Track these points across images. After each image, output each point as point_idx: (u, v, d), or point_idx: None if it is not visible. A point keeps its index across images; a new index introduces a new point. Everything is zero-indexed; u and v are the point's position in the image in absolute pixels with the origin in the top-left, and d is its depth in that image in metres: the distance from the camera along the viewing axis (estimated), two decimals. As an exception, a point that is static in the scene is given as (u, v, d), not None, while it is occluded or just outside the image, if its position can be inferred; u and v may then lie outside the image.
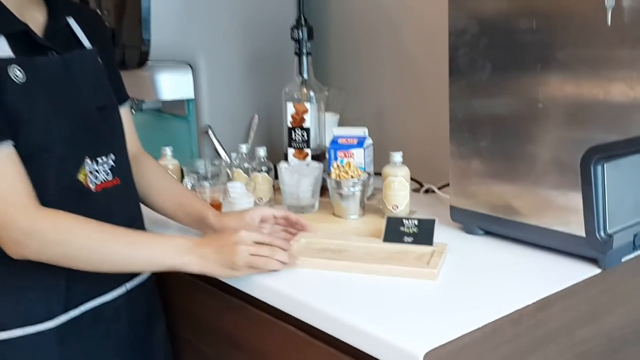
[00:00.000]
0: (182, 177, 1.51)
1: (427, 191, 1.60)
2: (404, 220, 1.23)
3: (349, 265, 1.12)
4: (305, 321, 1.03)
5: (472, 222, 1.29)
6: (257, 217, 1.25)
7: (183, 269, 1.10)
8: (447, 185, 1.58)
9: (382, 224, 1.31)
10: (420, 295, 1.03)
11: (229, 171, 1.56)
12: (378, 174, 1.58)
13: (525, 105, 1.16)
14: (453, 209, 1.31)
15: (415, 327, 0.92)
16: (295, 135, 1.52)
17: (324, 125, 1.58)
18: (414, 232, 1.21)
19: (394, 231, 1.23)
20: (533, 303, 0.99)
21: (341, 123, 1.78)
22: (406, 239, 1.21)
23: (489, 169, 1.23)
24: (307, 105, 1.51)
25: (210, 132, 1.60)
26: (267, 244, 1.11)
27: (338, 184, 1.35)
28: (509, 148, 1.20)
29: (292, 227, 1.29)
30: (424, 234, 1.21)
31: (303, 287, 1.07)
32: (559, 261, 1.14)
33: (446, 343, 0.88)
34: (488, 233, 1.28)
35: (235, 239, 1.08)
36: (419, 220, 1.23)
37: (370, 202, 1.46)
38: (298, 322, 1.05)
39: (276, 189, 1.50)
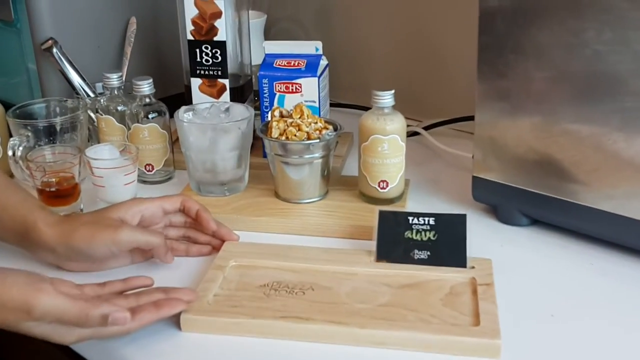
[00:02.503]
0: (9, 134, 0.89)
1: (408, 135, 1.05)
2: (411, 219, 0.69)
3: (328, 332, 0.58)
4: None
5: (513, 204, 0.77)
6: (131, 219, 0.68)
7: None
8: (436, 125, 1.06)
9: (361, 212, 0.78)
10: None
11: (92, 116, 0.94)
12: (334, 104, 1.03)
13: None
14: (478, 182, 0.79)
15: None
16: (201, 55, 0.92)
17: (248, 35, 0.98)
18: (429, 239, 0.68)
19: (393, 240, 0.69)
20: None
21: (268, 29, 1.18)
22: (417, 254, 0.68)
23: (553, 107, 0.70)
24: (220, 3, 0.89)
25: (55, 50, 0.96)
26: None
27: (285, 149, 0.78)
28: (597, 68, 0.66)
29: (199, 228, 0.74)
30: (448, 243, 0.68)
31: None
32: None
33: None
34: (537, 222, 0.78)
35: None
36: (437, 218, 0.69)
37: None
38: None
39: (174, 142, 0.91)
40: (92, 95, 0.97)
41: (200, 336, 0.60)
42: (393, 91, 0.77)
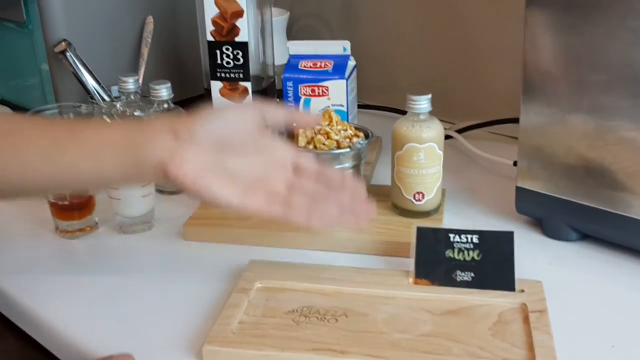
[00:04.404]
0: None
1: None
2: (452, 236, 0.64)
3: (366, 369, 0.53)
4: None
5: (561, 218, 0.71)
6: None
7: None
8: (472, 127, 0.99)
9: (395, 226, 0.72)
10: None
11: (108, 121, 0.89)
12: (362, 106, 0.97)
13: None
14: (523, 193, 0.73)
15: None
16: (222, 57, 0.86)
17: (271, 34, 0.93)
18: (473, 259, 0.62)
19: (433, 259, 0.63)
20: None
21: (290, 27, 1.12)
22: (460, 275, 0.62)
23: (609, 113, 0.64)
24: (241, 1, 0.84)
25: (69, 52, 0.91)
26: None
27: (314, 158, 0.72)
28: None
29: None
30: (494, 264, 0.62)
31: None
32: None
33: None
34: (586, 237, 0.71)
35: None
36: (481, 235, 0.63)
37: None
38: None
39: (194, 149, 0.86)
40: (107, 99, 0.92)
41: (224, 369, 0.54)
42: (430, 95, 0.71)
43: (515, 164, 0.75)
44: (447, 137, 0.97)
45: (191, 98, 0.98)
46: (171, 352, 0.57)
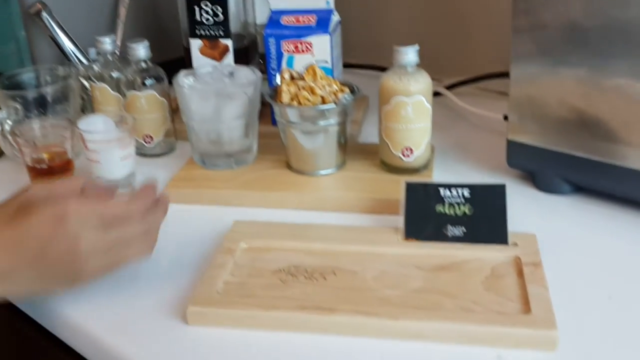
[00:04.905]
0: (-4, 106, 0.81)
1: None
2: (442, 191, 0.62)
3: (356, 325, 0.51)
4: None
5: (554, 170, 0.69)
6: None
7: None
8: (460, 84, 0.97)
9: (384, 184, 0.70)
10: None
11: (85, 83, 0.86)
12: (347, 65, 0.94)
13: None
14: (514, 147, 0.71)
15: None
16: (201, 13, 0.83)
17: (252, -9, 0.89)
18: (464, 213, 0.61)
19: (423, 215, 0.61)
20: None
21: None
22: (451, 230, 0.60)
23: (603, 60, 0.62)
24: (219, -46, 0.81)
25: (44, 14, 0.88)
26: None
27: (298, 115, 0.70)
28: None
29: None
30: (486, 218, 0.60)
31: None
32: None
33: None
34: (579, 190, 0.70)
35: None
36: (472, 189, 0.61)
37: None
38: None
39: (175, 110, 0.83)
40: (85, 61, 0.89)
41: (209, 330, 0.53)
42: (417, 47, 0.68)
43: (505, 118, 0.73)
44: (435, 94, 0.95)
45: (171, 60, 0.95)
46: (156, 315, 0.55)
